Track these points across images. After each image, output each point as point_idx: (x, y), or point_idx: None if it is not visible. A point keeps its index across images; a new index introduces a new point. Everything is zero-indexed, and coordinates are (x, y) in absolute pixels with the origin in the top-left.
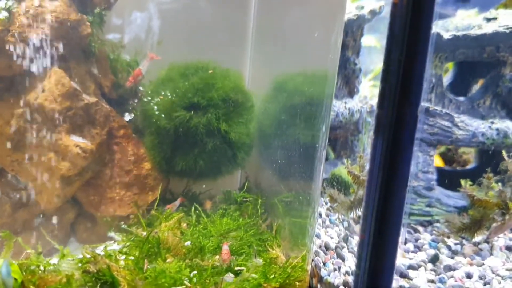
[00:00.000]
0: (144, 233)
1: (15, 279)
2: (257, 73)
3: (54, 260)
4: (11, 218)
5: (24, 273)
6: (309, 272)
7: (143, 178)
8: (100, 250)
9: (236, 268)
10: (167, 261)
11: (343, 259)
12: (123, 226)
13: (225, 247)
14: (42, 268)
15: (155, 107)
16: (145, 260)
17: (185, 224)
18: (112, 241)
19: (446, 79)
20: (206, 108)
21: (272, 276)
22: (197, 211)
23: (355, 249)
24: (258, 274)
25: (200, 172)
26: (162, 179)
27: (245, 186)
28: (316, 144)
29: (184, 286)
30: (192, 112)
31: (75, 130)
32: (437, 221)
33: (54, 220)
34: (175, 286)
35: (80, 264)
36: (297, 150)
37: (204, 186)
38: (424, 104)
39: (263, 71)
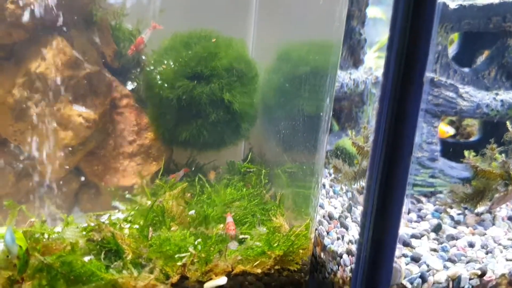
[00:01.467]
0: (149, 202)
1: (20, 246)
2: (261, 42)
3: (58, 228)
4: (15, 188)
5: (28, 241)
6: (313, 240)
7: (147, 148)
8: (104, 219)
9: (240, 237)
10: (172, 229)
11: (346, 229)
12: (127, 195)
13: (230, 220)
14: (46, 236)
15: (158, 77)
16: (150, 228)
17: (189, 194)
18: (116, 210)
19: (451, 49)
20: (209, 78)
21: (276, 244)
22: (201, 182)
23: (359, 219)
24: (262, 242)
25: (203, 142)
26: (165, 149)
27: (249, 157)
28: (321, 115)
29: (189, 253)
30: (195, 82)
31: (77, 100)
32: (440, 192)
33: (58, 189)
34: (180, 254)
35: (84, 233)
36: (301, 120)
37: (207, 157)
38: (429, 74)
39: (267, 40)
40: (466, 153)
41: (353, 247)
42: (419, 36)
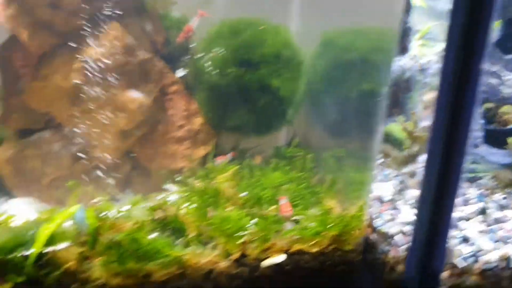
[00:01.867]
0: (198, 184)
1: (90, 224)
2: (304, 29)
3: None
4: (69, 171)
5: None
6: (366, 222)
7: (195, 133)
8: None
9: (295, 217)
10: (227, 210)
11: (398, 211)
12: (178, 178)
13: (284, 201)
14: (110, 214)
15: (207, 64)
16: (208, 208)
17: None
18: (168, 193)
19: (494, 36)
20: (258, 65)
21: (330, 225)
22: (249, 165)
23: (410, 201)
24: (317, 223)
25: (250, 127)
26: (213, 134)
27: (293, 142)
28: (376, 100)
29: (249, 231)
30: (244, 68)
31: (131, 85)
32: (481, 178)
33: (111, 172)
34: (239, 232)
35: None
36: (354, 106)
37: (250, 142)
38: None
39: (311, 27)
40: (509, 140)
41: (405, 228)
42: (478, 25)
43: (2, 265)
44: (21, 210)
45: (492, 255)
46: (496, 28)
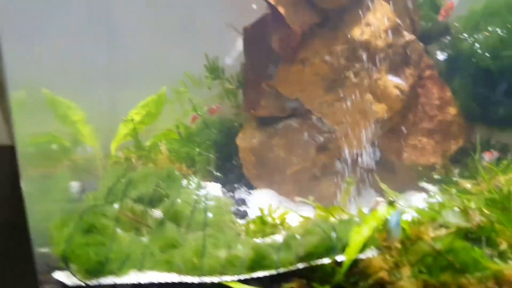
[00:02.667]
0: (469, 185)
1: (403, 229)
2: None
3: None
4: (312, 162)
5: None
6: None
7: (447, 125)
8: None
9: None
10: None
11: None
12: (435, 176)
13: None
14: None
15: (477, 45)
16: None
17: None
18: (422, 192)
19: None
20: None
21: None
22: None
23: None
24: None
25: None
26: (467, 127)
27: None
28: None
29: None
30: None
31: (392, 70)
32: None
33: (355, 165)
34: None
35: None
36: None
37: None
38: None
39: None
40: None
41: None
42: None
43: (310, 271)
44: (262, 203)
45: None
46: None
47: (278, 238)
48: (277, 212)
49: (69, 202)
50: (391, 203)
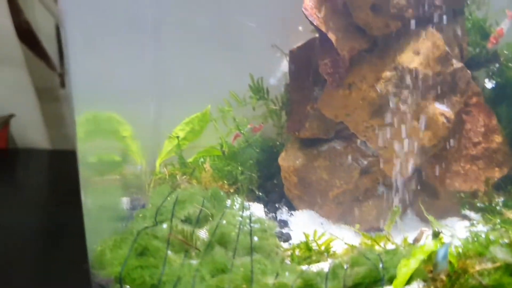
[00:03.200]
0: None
1: (450, 262)
2: None
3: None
4: (355, 185)
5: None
6: None
7: (492, 152)
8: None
9: None
10: None
11: None
12: (478, 203)
13: None
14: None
15: None
16: None
17: None
18: (462, 220)
19: None
20: None
21: None
22: None
23: None
24: None
25: None
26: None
27: None
28: None
29: None
30: None
31: (439, 97)
32: None
33: (398, 190)
34: None
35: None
36: None
37: None
38: None
39: None
40: None
41: None
42: None
43: None
44: (303, 224)
45: None
46: None
47: (324, 266)
48: (322, 239)
49: (120, 219)
50: (436, 235)
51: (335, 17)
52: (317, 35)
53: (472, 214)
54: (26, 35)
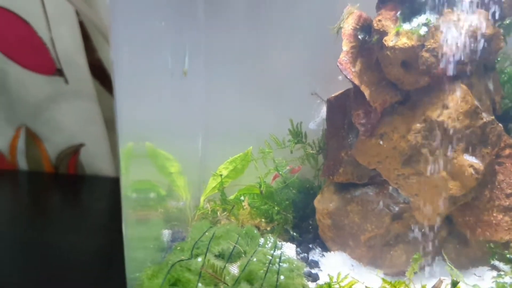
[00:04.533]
0: None
1: None
2: None
3: None
4: (386, 230)
5: None
6: None
7: None
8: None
9: None
10: None
11: None
12: (508, 255)
13: None
14: None
15: None
16: None
17: None
18: (492, 270)
19: None
20: None
21: None
22: None
23: None
24: None
25: None
26: None
27: None
28: None
29: None
30: None
31: (468, 150)
32: None
33: (427, 237)
34: None
35: None
36: None
37: None
38: None
39: None
40: None
41: None
42: None
43: None
44: (334, 266)
45: None
46: None
47: None
48: (345, 281)
49: (160, 250)
50: (454, 284)
51: (368, 72)
52: None
53: (501, 265)
54: (98, 71)
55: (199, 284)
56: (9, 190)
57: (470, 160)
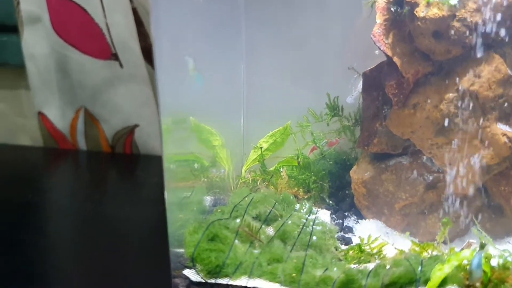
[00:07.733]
0: None
1: (485, 272)
2: None
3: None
4: (420, 199)
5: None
6: None
7: None
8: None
9: None
10: None
11: None
12: None
13: None
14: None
15: None
16: None
17: None
18: None
19: None
20: None
21: None
22: None
23: None
24: None
25: None
26: None
27: None
28: None
29: None
30: None
31: (502, 119)
32: None
33: (462, 206)
34: None
35: None
36: None
37: None
38: None
39: None
40: None
41: None
42: None
43: None
44: (369, 232)
45: None
46: None
47: (371, 266)
48: (376, 243)
49: (202, 213)
50: (482, 247)
51: (401, 43)
52: None
53: None
54: (151, 55)
55: (236, 241)
56: (71, 168)
57: (504, 129)
